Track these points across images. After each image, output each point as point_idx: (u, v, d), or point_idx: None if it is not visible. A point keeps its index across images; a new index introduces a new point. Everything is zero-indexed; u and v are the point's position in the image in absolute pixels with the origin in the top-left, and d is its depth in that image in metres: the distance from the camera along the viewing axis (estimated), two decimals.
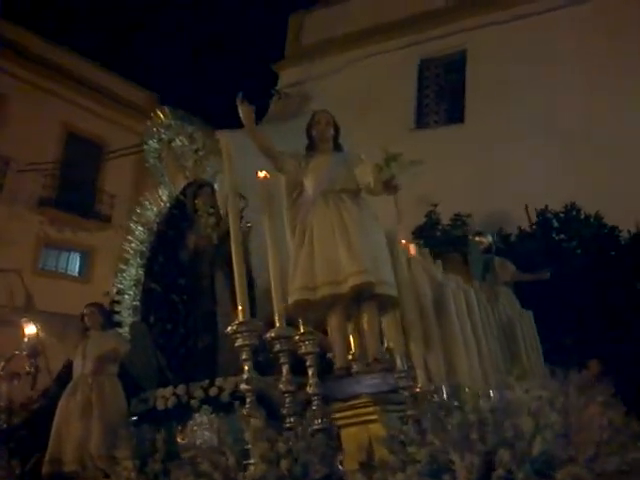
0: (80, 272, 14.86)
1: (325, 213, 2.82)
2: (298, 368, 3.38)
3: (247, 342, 3.30)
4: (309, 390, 3.28)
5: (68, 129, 14.71)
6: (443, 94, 9.83)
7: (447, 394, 2.76)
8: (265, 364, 4.86)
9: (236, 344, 3.32)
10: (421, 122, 9.57)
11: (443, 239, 6.39)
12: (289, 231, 3.41)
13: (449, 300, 2.87)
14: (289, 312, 2.93)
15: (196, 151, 5.71)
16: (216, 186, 5.60)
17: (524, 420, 2.06)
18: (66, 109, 14.33)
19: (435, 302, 2.96)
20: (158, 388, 4.18)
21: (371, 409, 2.37)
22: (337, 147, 3.13)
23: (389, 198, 3.06)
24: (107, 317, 4.35)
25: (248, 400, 3.18)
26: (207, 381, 3.99)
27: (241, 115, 3.02)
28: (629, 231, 6.41)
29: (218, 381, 4.00)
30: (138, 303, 4.69)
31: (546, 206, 6.91)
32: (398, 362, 3.13)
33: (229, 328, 3.36)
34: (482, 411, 2.14)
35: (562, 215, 6.81)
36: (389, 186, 2.71)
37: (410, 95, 9.66)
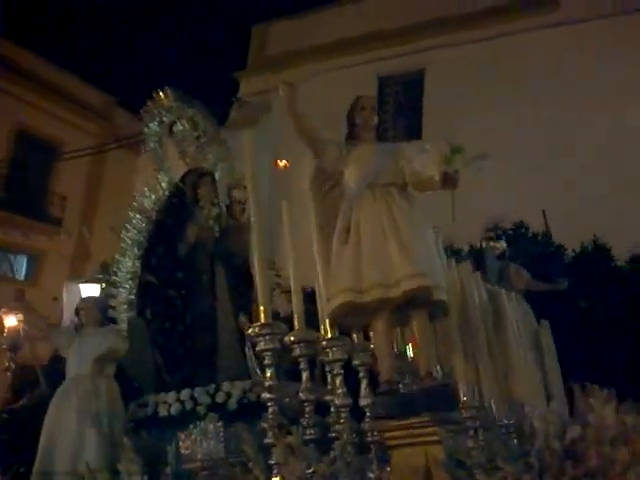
0: (27, 276, 13.94)
1: (373, 208, 2.54)
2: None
3: (270, 346, 3.02)
4: (337, 401, 3.02)
5: (19, 128, 13.72)
6: (401, 111, 9.92)
7: (499, 412, 2.52)
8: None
9: (257, 347, 3.03)
10: (380, 137, 9.65)
11: None
12: (315, 225, 3.13)
13: (505, 307, 2.63)
14: (330, 316, 2.63)
15: (198, 137, 5.37)
16: (217, 176, 5.29)
17: (617, 449, 1.83)
18: (18, 107, 13.33)
19: (482, 309, 2.71)
20: (155, 392, 3.85)
21: (430, 429, 2.11)
22: (380, 137, 2.87)
23: None
24: (104, 312, 3.97)
25: (270, 410, 2.90)
26: (213, 386, 3.66)
27: (281, 94, 2.72)
28: (574, 250, 6.62)
29: (225, 386, 3.67)
30: (134, 297, 4.32)
31: (496, 224, 7.02)
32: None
33: (250, 330, 3.07)
34: (565, 437, 1.90)
35: (511, 232, 6.98)
36: (450, 181, 2.44)
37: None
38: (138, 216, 4.59)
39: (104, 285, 6.15)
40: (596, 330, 5.47)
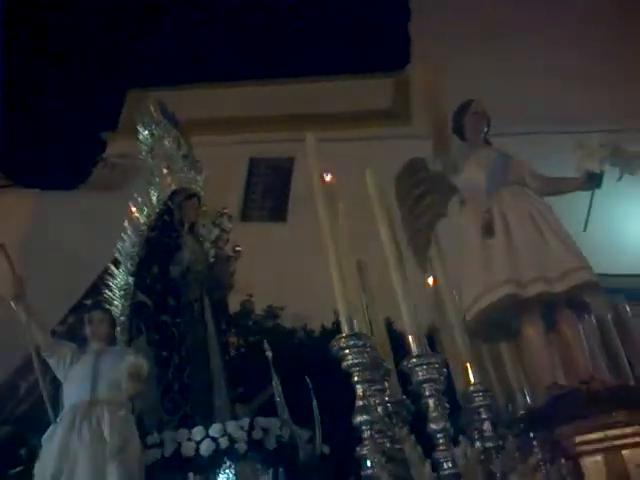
0: None
1: (516, 201, 2.39)
2: None
3: (357, 360, 2.61)
4: (433, 426, 2.64)
5: None
6: (269, 193, 10.46)
7: None
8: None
9: (344, 363, 2.60)
10: (246, 215, 9.96)
11: (255, 329, 6.25)
12: (389, 234, 2.90)
13: (630, 322, 2.52)
14: (483, 313, 2.31)
15: (184, 157, 4.96)
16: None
17: None
18: None
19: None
20: (161, 429, 3.13)
21: (630, 429, 1.86)
22: (487, 142, 2.79)
23: None
24: (115, 330, 3.21)
25: (366, 435, 2.44)
26: (247, 420, 3.06)
27: (420, 77, 2.56)
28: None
29: (261, 421, 3.09)
30: (125, 319, 3.62)
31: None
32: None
33: (333, 342, 2.65)
34: None
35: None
36: (595, 179, 2.35)
37: (239, 188, 10.06)
38: (131, 228, 3.96)
39: None
40: None
